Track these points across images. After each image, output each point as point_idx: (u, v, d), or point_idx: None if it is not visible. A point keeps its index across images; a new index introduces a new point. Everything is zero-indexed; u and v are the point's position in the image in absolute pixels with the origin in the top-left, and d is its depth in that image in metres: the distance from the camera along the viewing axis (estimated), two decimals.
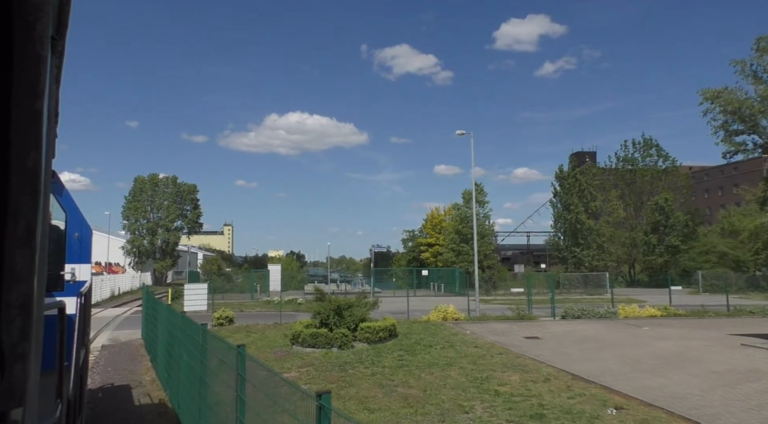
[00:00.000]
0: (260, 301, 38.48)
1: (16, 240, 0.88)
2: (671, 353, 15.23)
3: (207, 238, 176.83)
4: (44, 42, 0.91)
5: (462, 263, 51.45)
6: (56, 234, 6.12)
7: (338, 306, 17.43)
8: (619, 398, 10.34)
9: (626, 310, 24.47)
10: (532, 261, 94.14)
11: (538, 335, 19.42)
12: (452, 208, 56.62)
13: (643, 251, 54.45)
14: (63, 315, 3.14)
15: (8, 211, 0.87)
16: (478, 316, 24.56)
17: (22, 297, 0.89)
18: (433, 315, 23.94)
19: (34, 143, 0.90)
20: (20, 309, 0.88)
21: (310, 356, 15.61)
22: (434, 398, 10.77)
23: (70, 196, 6.51)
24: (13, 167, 0.87)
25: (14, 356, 0.88)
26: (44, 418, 2.91)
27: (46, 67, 0.92)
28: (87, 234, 6.68)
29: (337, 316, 17.31)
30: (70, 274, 6.23)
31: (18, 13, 0.87)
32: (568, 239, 53.11)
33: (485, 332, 20.44)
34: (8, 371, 0.87)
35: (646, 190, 55.66)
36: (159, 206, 76.44)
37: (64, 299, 3.74)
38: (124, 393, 12.27)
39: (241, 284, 54.10)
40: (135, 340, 20.96)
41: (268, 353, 16.24)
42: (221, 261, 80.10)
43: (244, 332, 20.43)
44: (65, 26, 1.55)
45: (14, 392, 0.88)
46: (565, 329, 21.21)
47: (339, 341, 16.40)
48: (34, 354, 0.94)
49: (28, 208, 0.89)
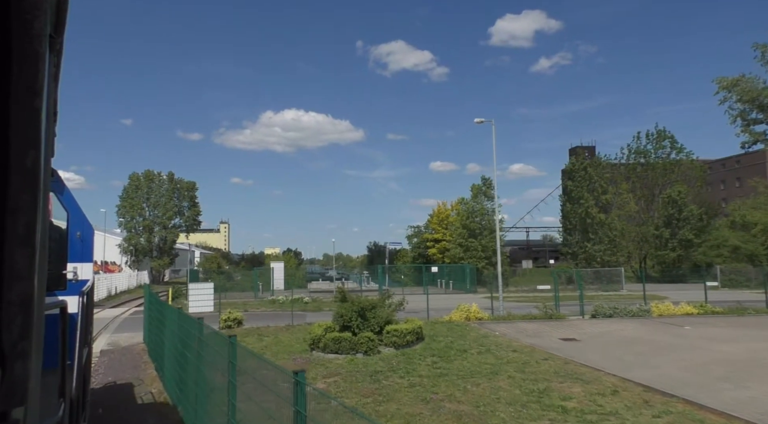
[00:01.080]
0: (265, 300, 36.86)
1: (16, 239, 0.87)
2: (738, 359, 13.72)
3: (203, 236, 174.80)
4: (42, 40, 0.90)
5: (470, 259, 49.92)
6: (58, 233, 6.11)
7: (362, 307, 15.87)
8: (716, 417, 8.80)
9: (660, 308, 22.99)
10: (532, 256, 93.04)
11: (575, 337, 17.91)
12: (459, 203, 55.02)
13: (654, 245, 52.96)
14: (65, 314, 3.20)
15: (8, 209, 0.86)
16: (503, 315, 23.01)
17: (23, 296, 0.88)
18: (455, 315, 22.41)
19: (33, 142, 0.89)
20: (21, 308, 0.87)
21: (333, 363, 14.06)
22: (492, 417, 9.22)
23: (71, 196, 6.46)
24: (13, 166, 0.87)
25: (15, 354, 0.87)
26: (47, 417, 2.94)
27: (44, 66, 0.92)
28: (89, 233, 6.65)
29: (361, 318, 15.76)
30: (72, 273, 6.22)
31: (16, 11, 0.86)
32: (578, 233, 51.59)
33: (516, 333, 18.92)
34: (9, 369, 0.86)
35: (659, 182, 54.11)
36: (155, 203, 74.67)
37: (66, 298, 3.82)
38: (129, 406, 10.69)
39: (242, 282, 52.49)
40: (136, 344, 19.38)
41: (286, 359, 14.68)
42: (221, 259, 78.30)
43: (255, 335, 18.85)
44: (63, 24, 1.46)
45: (15, 390, 0.87)
46: (600, 329, 19.70)
47: (364, 346, 14.84)
48: (35, 353, 0.93)
49: (27, 207, 0.88)
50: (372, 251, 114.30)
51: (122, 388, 12.71)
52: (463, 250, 50.46)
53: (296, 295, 40.61)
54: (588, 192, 49.91)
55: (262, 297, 39.42)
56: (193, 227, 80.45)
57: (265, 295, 41.87)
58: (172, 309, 12.14)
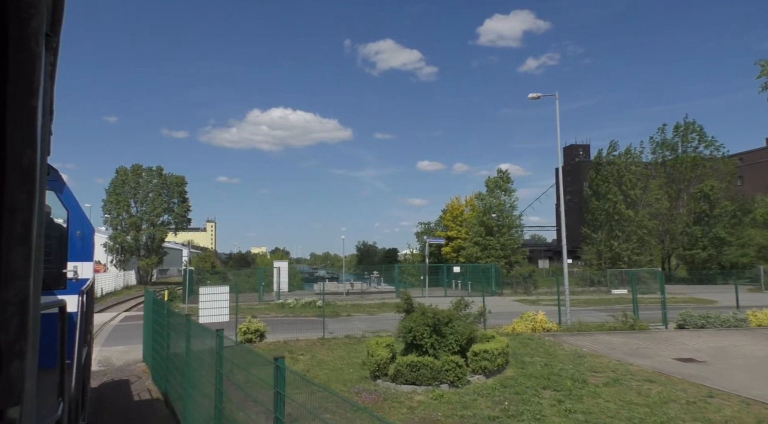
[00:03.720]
0: (272, 304, 32.80)
1: (12, 237, 0.87)
2: None
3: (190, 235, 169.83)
4: (39, 39, 0.91)
5: (488, 258, 46.21)
6: (59, 232, 6.12)
7: (437, 320, 12.02)
8: None
9: (758, 317, 19.37)
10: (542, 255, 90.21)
11: (691, 356, 14.23)
12: (474, 198, 51.20)
13: (683, 243, 49.54)
14: (63, 313, 3.21)
15: (4, 208, 0.86)
16: (574, 324, 19.24)
17: (19, 295, 0.87)
18: (518, 325, 18.65)
19: (30, 140, 0.90)
20: (17, 307, 0.87)
21: (413, 400, 10.23)
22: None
23: (71, 195, 6.45)
24: (9, 165, 0.87)
25: (11, 354, 0.87)
26: (46, 416, 2.92)
27: (41, 64, 0.92)
28: (89, 232, 6.60)
29: (436, 335, 11.93)
30: (72, 272, 6.11)
31: (13, 9, 0.86)
32: (604, 231, 48.03)
33: (608, 349, 15.23)
34: (5, 369, 0.86)
35: (687, 178, 50.65)
36: (143, 199, 70.15)
37: (66, 297, 4.19)
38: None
39: (240, 283, 48.34)
40: (134, 362, 15.47)
41: (343, 391, 10.84)
42: (215, 258, 74.14)
43: (286, 352, 14.93)
44: (59, 23, 1.47)
45: (12, 390, 0.87)
46: (708, 344, 16.04)
47: (450, 375, 11.03)
48: (32, 352, 0.92)
49: (24, 206, 0.88)
50: (361, 251, 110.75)
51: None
52: (480, 248, 46.67)
53: (298, 297, 36.79)
54: (616, 186, 46.38)
55: (267, 300, 35.36)
56: (183, 225, 76.10)
57: (268, 297, 37.85)
58: (198, 327, 8.21)
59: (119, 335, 21.03)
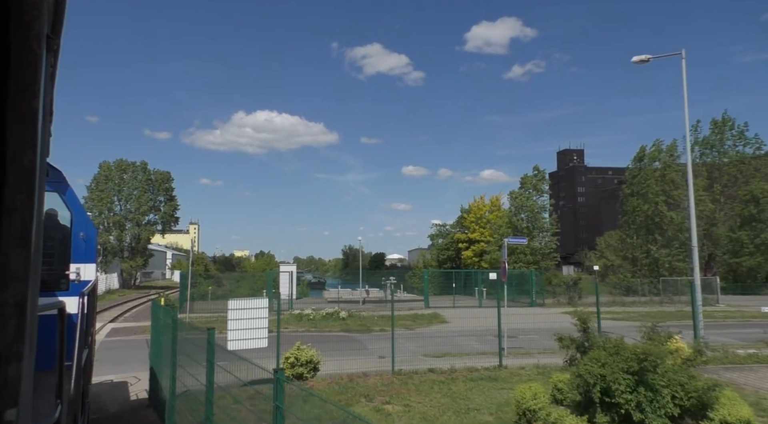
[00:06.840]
0: (286, 315, 27.74)
1: (11, 239, 0.86)
2: None
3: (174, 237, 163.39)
4: (40, 40, 0.90)
5: (515, 263, 41.55)
6: (62, 234, 6.03)
7: (642, 364, 7.26)
8: None
9: None
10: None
11: None
12: (502, 196, 46.61)
13: (728, 250, 45.34)
14: (63, 315, 3.06)
15: (3, 209, 0.86)
16: (718, 354, 14.54)
17: (17, 296, 0.87)
18: None
19: (30, 142, 0.89)
20: (15, 308, 0.86)
21: None
22: None
23: (75, 196, 6.36)
24: (9, 166, 0.86)
25: (9, 356, 0.86)
26: (43, 418, 2.85)
27: (42, 66, 0.91)
28: (92, 234, 6.49)
29: (643, 387, 7.19)
30: (75, 273, 6.05)
31: (14, 11, 0.86)
32: (641, 235, 43.67)
33: None
34: (3, 371, 0.85)
35: (732, 179, 46.52)
36: (128, 197, 64.65)
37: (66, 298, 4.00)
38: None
39: (237, 290, 43.24)
40: (135, 404, 10.52)
41: None
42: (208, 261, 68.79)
43: (359, 395, 10.07)
44: (60, 24, 1.47)
45: (9, 392, 0.86)
46: None
47: None
48: (29, 354, 0.91)
49: (23, 207, 0.87)
50: (347, 255, 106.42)
51: None
52: (508, 252, 41.98)
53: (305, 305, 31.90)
54: (659, 186, 42.05)
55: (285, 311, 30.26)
56: (170, 224, 70.67)
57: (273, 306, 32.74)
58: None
59: (110, 356, 15.99)
